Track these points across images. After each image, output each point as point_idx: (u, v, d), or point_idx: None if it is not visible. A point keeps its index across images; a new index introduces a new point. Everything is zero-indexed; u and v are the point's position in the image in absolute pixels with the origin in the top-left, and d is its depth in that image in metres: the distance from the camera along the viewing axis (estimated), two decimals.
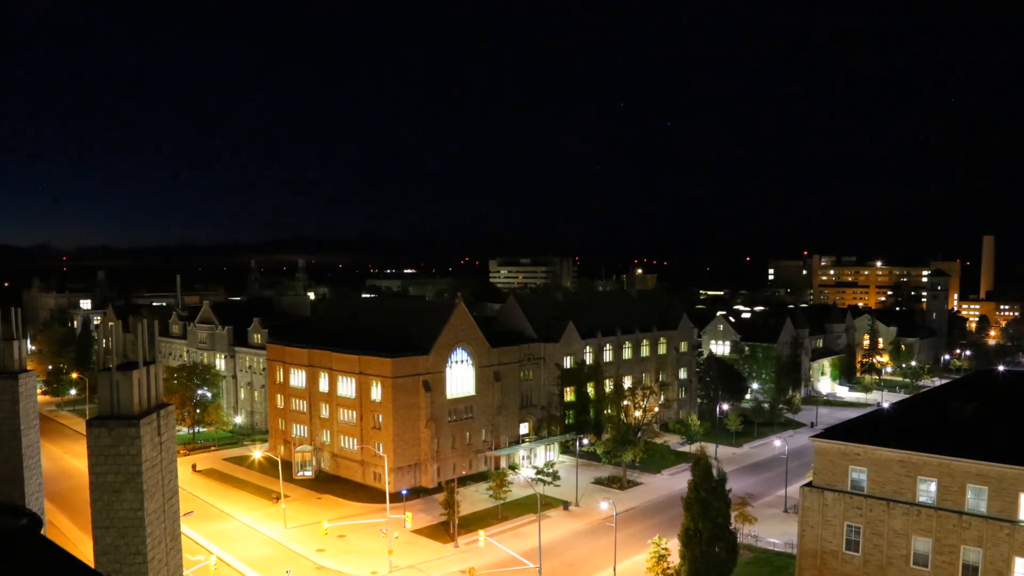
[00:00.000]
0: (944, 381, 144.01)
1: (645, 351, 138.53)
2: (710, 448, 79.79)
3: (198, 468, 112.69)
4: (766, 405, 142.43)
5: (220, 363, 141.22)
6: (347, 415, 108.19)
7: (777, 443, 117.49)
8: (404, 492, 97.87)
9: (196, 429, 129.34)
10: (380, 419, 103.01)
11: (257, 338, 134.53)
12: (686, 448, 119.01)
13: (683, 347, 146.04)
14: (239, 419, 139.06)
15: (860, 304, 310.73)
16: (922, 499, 54.69)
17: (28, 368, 22.26)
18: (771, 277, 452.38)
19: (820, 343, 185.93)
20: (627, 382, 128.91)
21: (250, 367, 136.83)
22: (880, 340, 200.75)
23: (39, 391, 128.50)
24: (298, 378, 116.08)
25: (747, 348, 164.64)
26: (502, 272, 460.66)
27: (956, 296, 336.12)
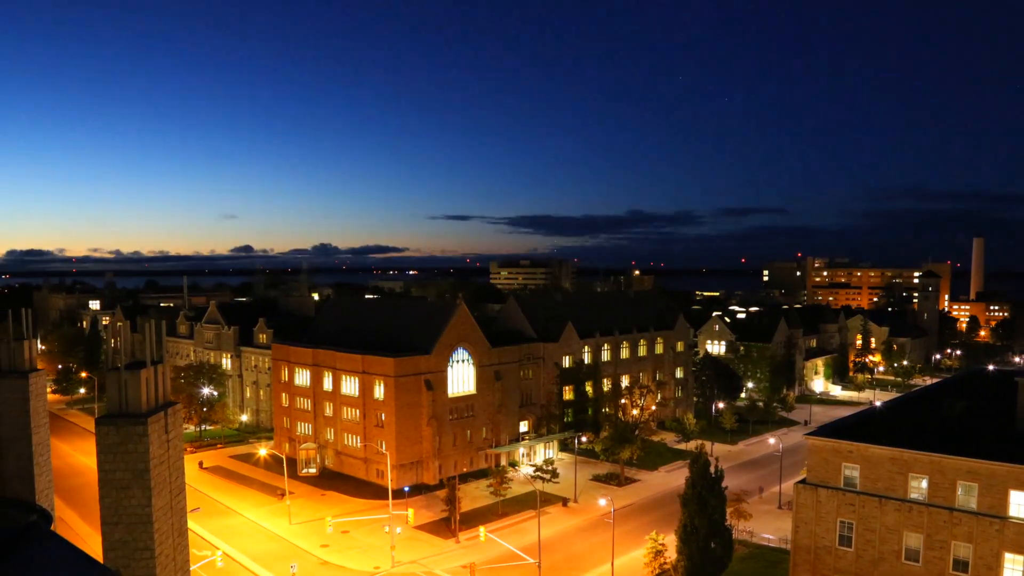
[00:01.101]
0: (935, 380, 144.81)
1: (642, 351, 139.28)
2: (705, 446, 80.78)
3: (205, 465, 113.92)
4: (761, 404, 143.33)
5: (226, 362, 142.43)
6: (351, 413, 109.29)
7: (771, 441, 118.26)
8: (406, 489, 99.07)
9: (203, 427, 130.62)
10: (383, 417, 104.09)
11: (262, 338, 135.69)
12: (682, 446, 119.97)
13: (679, 347, 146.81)
14: (245, 417, 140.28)
15: (853, 305, 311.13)
16: (913, 496, 55.25)
17: (38, 367, 22.84)
18: (766, 278, 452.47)
19: (814, 343, 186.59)
20: (625, 381, 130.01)
21: (255, 366, 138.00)
22: (872, 340, 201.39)
23: (49, 390, 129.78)
24: (302, 377, 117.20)
25: (742, 348, 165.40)
26: (502, 273, 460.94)
27: (947, 297, 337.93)
